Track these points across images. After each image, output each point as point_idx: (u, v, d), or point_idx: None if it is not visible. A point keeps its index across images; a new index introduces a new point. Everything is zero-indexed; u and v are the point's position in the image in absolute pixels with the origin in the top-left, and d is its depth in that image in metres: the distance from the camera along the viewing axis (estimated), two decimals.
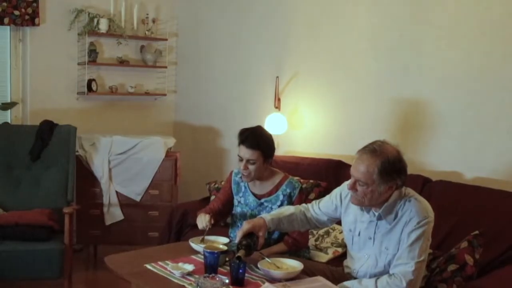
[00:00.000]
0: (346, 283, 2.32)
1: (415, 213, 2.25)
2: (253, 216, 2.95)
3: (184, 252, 2.66)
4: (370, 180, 2.23)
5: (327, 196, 2.61)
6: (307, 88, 4.19)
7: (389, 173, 2.22)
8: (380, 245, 2.35)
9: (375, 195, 2.26)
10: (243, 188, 3.04)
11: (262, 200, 2.96)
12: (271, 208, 2.91)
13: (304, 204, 2.70)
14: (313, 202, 2.67)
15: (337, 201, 2.55)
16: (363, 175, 2.24)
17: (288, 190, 2.92)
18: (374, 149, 2.26)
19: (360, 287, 2.29)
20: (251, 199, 2.99)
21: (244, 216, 3.00)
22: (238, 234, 2.46)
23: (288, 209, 2.64)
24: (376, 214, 2.33)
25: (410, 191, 2.36)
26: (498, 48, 3.12)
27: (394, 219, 2.29)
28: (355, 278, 2.41)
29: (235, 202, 3.06)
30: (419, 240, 2.23)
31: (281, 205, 2.90)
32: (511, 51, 3.06)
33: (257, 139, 2.88)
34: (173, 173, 4.54)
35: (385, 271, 2.32)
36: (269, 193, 2.96)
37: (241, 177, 3.01)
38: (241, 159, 2.88)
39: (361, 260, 2.43)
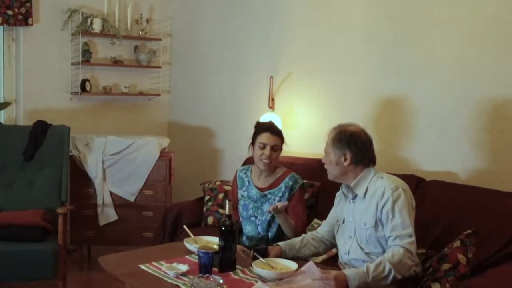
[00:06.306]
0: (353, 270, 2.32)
1: (387, 185, 2.45)
2: (256, 208, 3.05)
3: (178, 252, 2.66)
4: (329, 148, 2.55)
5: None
6: (301, 88, 4.20)
7: (340, 141, 2.51)
8: (359, 222, 2.51)
9: (333, 164, 2.54)
10: (246, 183, 3.17)
11: (266, 192, 3.07)
12: (274, 200, 3.03)
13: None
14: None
15: (336, 203, 2.74)
16: (327, 146, 2.58)
17: (290, 183, 3.04)
18: (337, 125, 2.60)
19: (372, 265, 2.28)
20: (254, 191, 3.11)
21: (246, 209, 3.11)
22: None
23: (297, 238, 2.78)
24: (350, 189, 2.56)
25: (383, 173, 2.56)
26: (492, 48, 3.13)
27: (365, 193, 2.50)
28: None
29: (239, 196, 3.17)
30: (403, 209, 2.39)
31: (282, 196, 3.02)
32: (505, 51, 3.07)
33: (278, 128, 3.10)
34: (167, 173, 4.54)
35: (369, 246, 2.46)
36: (271, 186, 3.08)
37: (245, 173, 3.19)
38: (263, 147, 3.01)
39: (346, 243, 2.56)
